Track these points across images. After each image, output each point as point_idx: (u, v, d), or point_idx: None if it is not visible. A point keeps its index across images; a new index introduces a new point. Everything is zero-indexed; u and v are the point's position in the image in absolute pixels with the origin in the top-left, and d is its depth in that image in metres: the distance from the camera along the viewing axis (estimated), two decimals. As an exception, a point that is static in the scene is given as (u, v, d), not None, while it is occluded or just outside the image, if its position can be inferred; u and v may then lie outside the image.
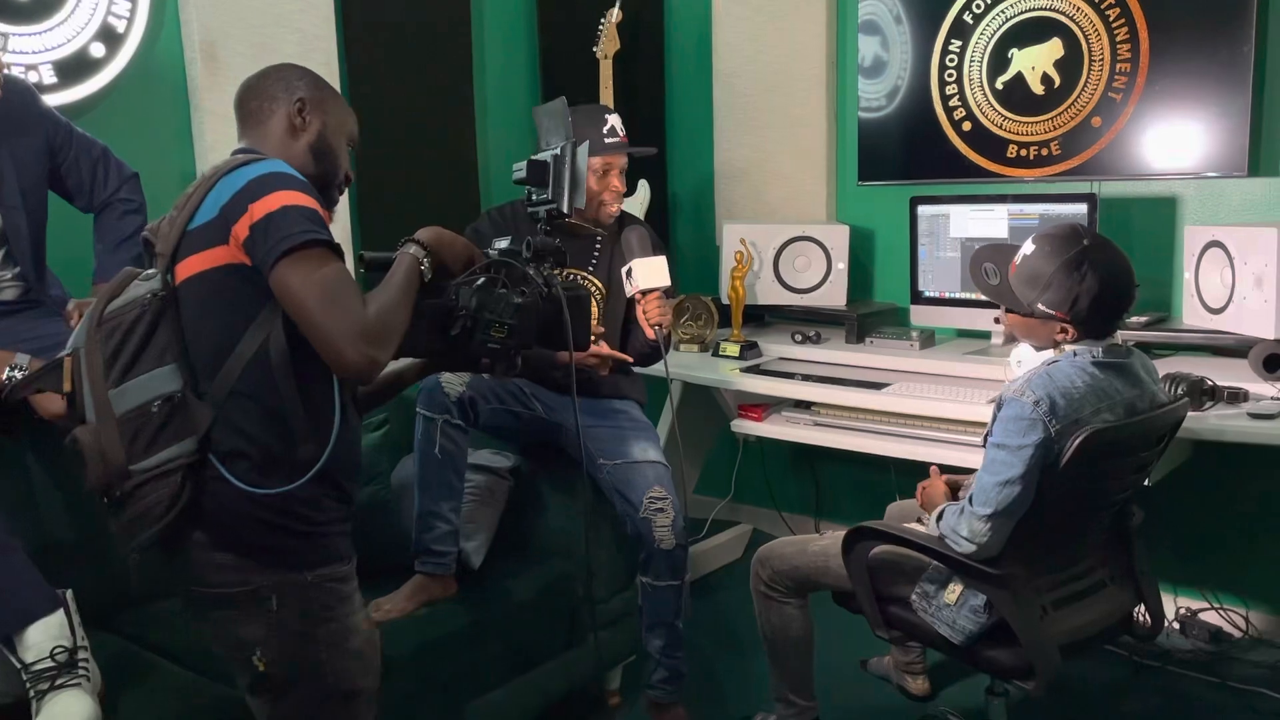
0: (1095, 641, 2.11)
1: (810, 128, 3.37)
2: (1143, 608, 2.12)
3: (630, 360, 2.48)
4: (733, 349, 3.05)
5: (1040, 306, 1.88)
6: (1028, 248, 1.92)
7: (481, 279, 1.53)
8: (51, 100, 2.29)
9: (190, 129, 2.71)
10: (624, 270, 2.30)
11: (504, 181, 3.55)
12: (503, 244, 1.63)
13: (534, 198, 1.79)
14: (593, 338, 2.26)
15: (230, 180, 1.41)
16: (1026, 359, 2.03)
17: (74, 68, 2.49)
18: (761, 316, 3.38)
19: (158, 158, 2.62)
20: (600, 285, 2.53)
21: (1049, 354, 1.93)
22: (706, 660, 2.83)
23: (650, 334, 2.31)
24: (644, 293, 2.28)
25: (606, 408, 2.51)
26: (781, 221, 3.33)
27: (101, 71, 2.54)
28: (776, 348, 3.10)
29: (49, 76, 2.44)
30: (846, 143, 3.35)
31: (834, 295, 3.20)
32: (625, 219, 2.58)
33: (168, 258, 1.44)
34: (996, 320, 2.08)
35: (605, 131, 2.39)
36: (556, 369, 2.37)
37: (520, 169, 1.78)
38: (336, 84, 2.91)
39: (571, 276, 2.51)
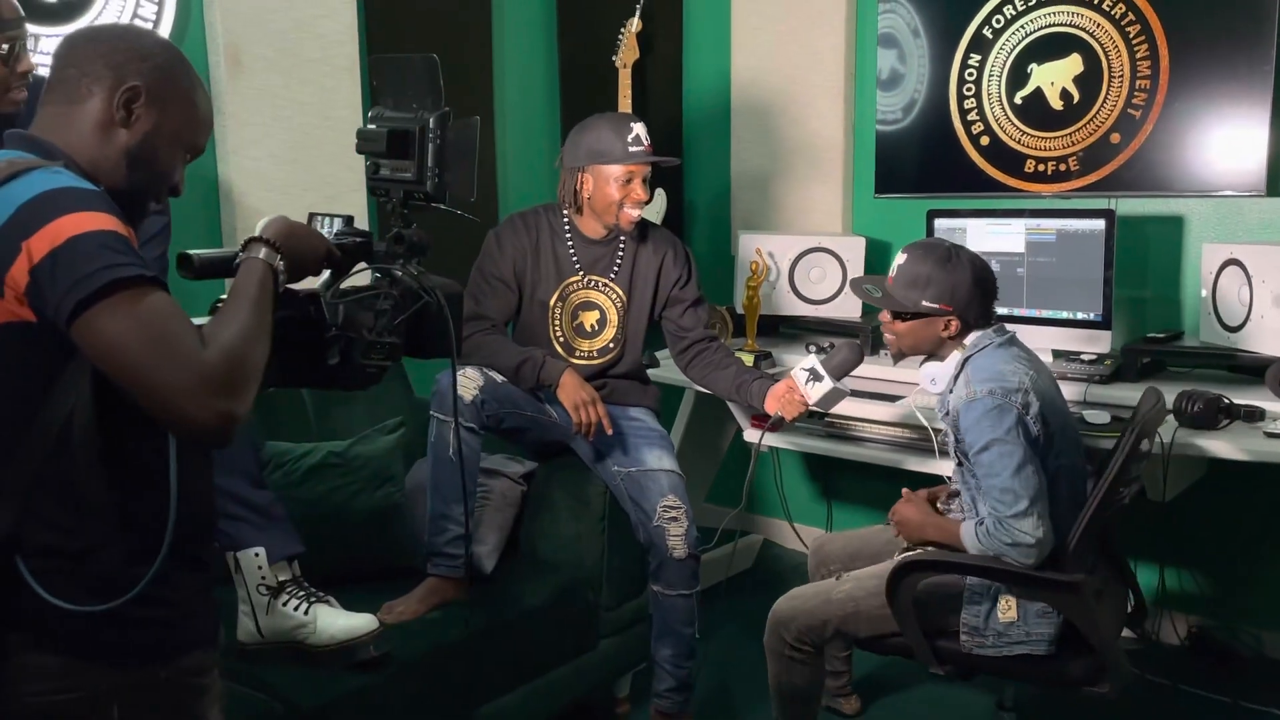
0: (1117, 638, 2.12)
1: (827, 139, 3.38)
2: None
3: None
4: (747, 358, 3.05)
5: (925, 303, 2.02)
6: (900, 259, 2.09)
7: (349, 287, 1.29)
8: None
9: (213, 132, 2.73)
10: (811, 367, 2.30)
11: (522, 188, 3.57)
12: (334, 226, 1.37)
13: (382, 172, 1.44)
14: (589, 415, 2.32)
15: None
16: (939, 373, 2.09)
17: (100, 70, 2.51)
18: (776, 327, 3.39)
19: (180, 160, 2.64)
20: (621, 294, 2.54)
21: (954, 358, 2.05)
22: (713, 672, 2.82)
23: (767, 410, 2.42)
24: (814, 405, 2.33)
25: (622, 415, 2.52)
26: (797, 233, 3.34)
27: (127, 74, 2.56)
28: (790, 358, 3.10)
29: (75, 78, 2.47)
30: (864, 155, 3.36)
31: (849, 307, 3.20)
32: (649, 227, 2.59)
33: None
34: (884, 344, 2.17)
35: (630, 140, 2.40)
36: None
37: (375, 138, 1.41)
38: (358, 92, 2.94)
39: (593, 284, 2.52)
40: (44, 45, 2.40)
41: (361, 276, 1.36)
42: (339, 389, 1.32)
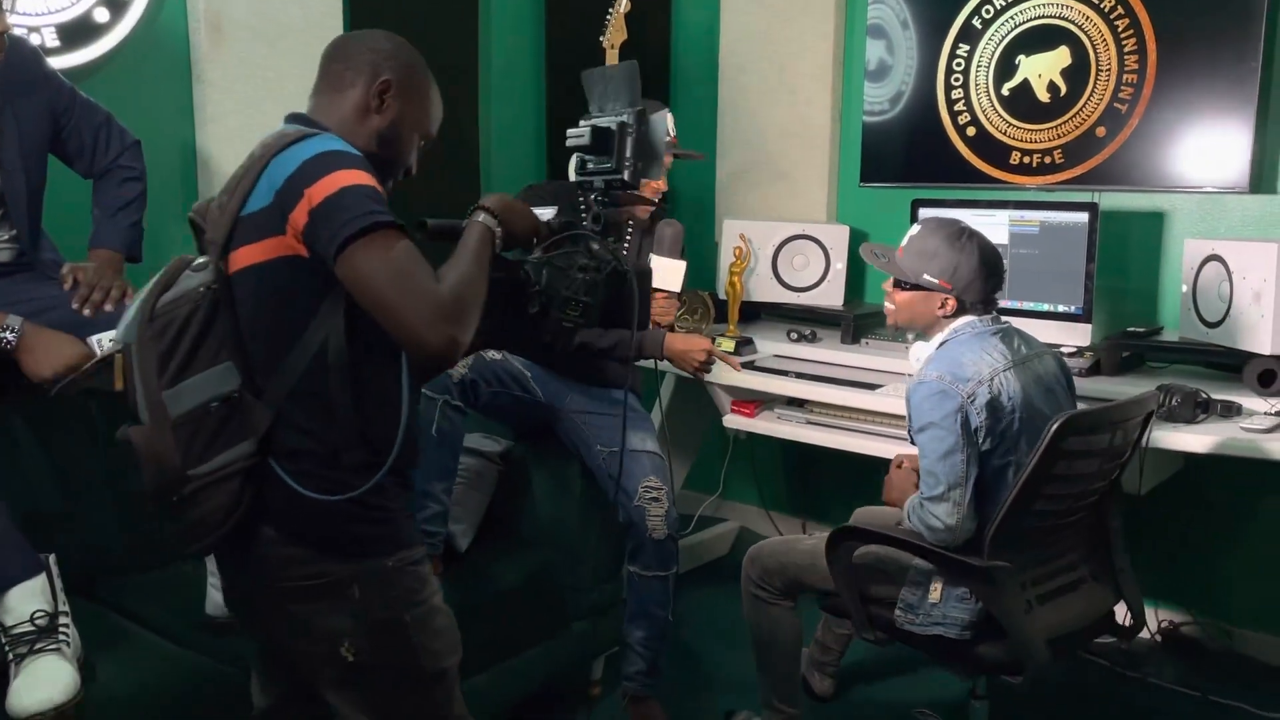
0: (1078, 638, 2.12)
1: (814, 128, 3.36)
2: (1125, 609, 2.14)
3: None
4: (728, 344, 3.04)
5: (926, 276, 2.04)
6: (913, 230, 2.12)
7: (557, 254, 1.48)
8: (52, 64, 2.27)
9: (191, 100, 2.69)
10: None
11: (505, 166, 3.54)
12: (547, 214, 1.56)
13: (589, 166, 1.65)
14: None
15: (282, 162, 1.32)
16: (923, 353, 2.12)
17: (77, 32, 2.46)
18: (758, 313, 3.38)
19: (158, 127, 2.60)
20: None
21: (939, 339, 2.08)
22: (687, 656, 2.82)
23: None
24: (654, 290, 2.31)
25: (604, 395, 2.51)
26: (781, 220, 3.33)
27: (105, 37, 2.51)
28: (771, 345, 3.10)
29: (51, 39, 2.42)
30: (850, 144, 3.35)
31: (831, 295, 3.19)
32: (658, 217, 2.58)
33: (220, 246, 1.36)
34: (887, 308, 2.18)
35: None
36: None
37: (581, 135, 1.63)
38: (341, 62, 2.90)
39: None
40: (21, 5, 2.35)
41: (566, 252, 1.54)
42: (546, 341, 1.53)
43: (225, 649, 1.90)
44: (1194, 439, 2.24)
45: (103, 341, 1.84)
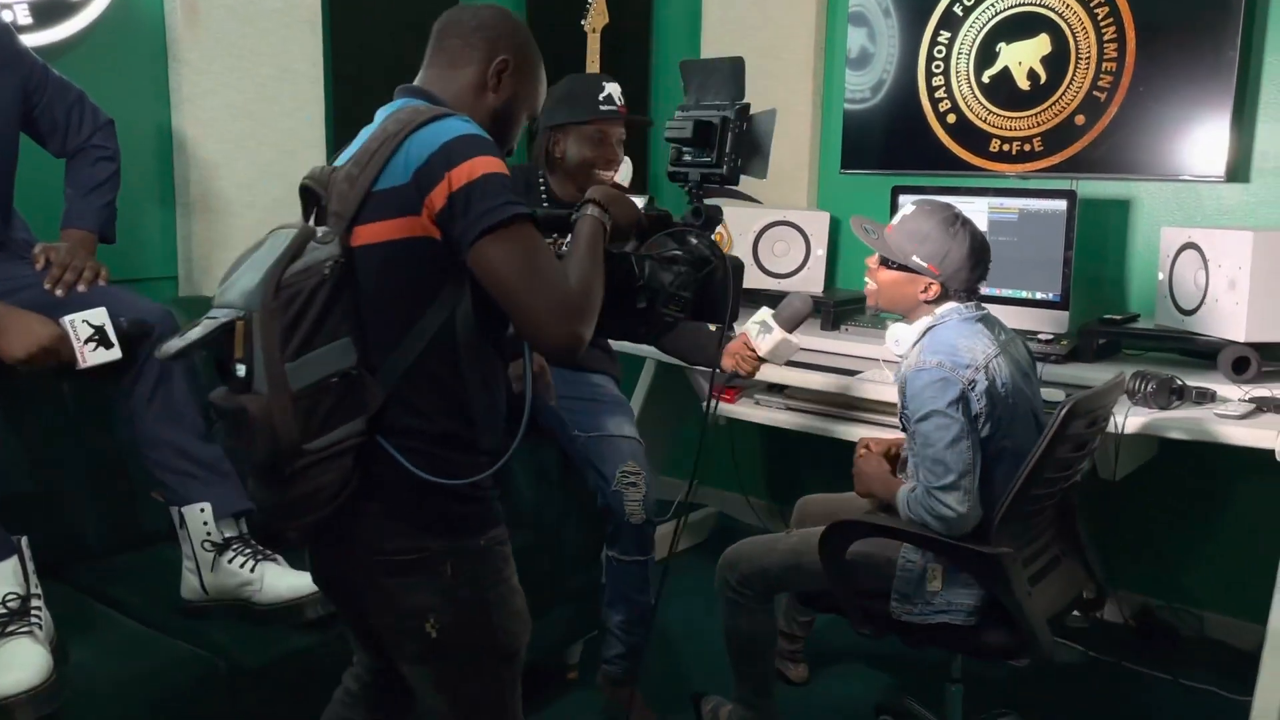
0: (1063, 617, 2.14)
1: (795, 113, 3.36)
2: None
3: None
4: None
5: (915, 258, 2.02)
6: (907, 209, 2.09)
7: (664, 249, 1.50)
8: (24, 41, 2.23)
9: (167, 80, 2.66)
10: (762, 320, 2.27)
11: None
12: (639, 203, 1.56)
13: (685, 158, 1.64)
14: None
15: (422, 139, 1.32)
16: (903, 336, 2.10)
17: (50, 9, 2.42)
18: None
19: (133, 107, 2.56)
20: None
21: (921, 324, 2.06)
22: (664, 641, 2.83)
23: (724, 367, 2.36)
24: (760, 358, 2.30)
25: (583, 380, 2.50)
26: (763, 205, 3.33)
27: (78, 15, 2.47)
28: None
29: (24, 17, 2.38)
30: (831, 130, 3.35)
31: (811, 281, 3.20)
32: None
33: (347, 219, 1.34)
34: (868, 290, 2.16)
35: (602, 99, 2.38)
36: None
37: (682, 127, 1.62)
38: (319, 46, 2.88)
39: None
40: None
41: (662, 243, 1.57)
42: (642, 333, 1.59)
43: (200, 633, 1.89)
44: (1168, 425, 2.26)
45: (75, 322, 1.82)
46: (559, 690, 2.63)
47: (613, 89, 2.40)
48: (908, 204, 2.14)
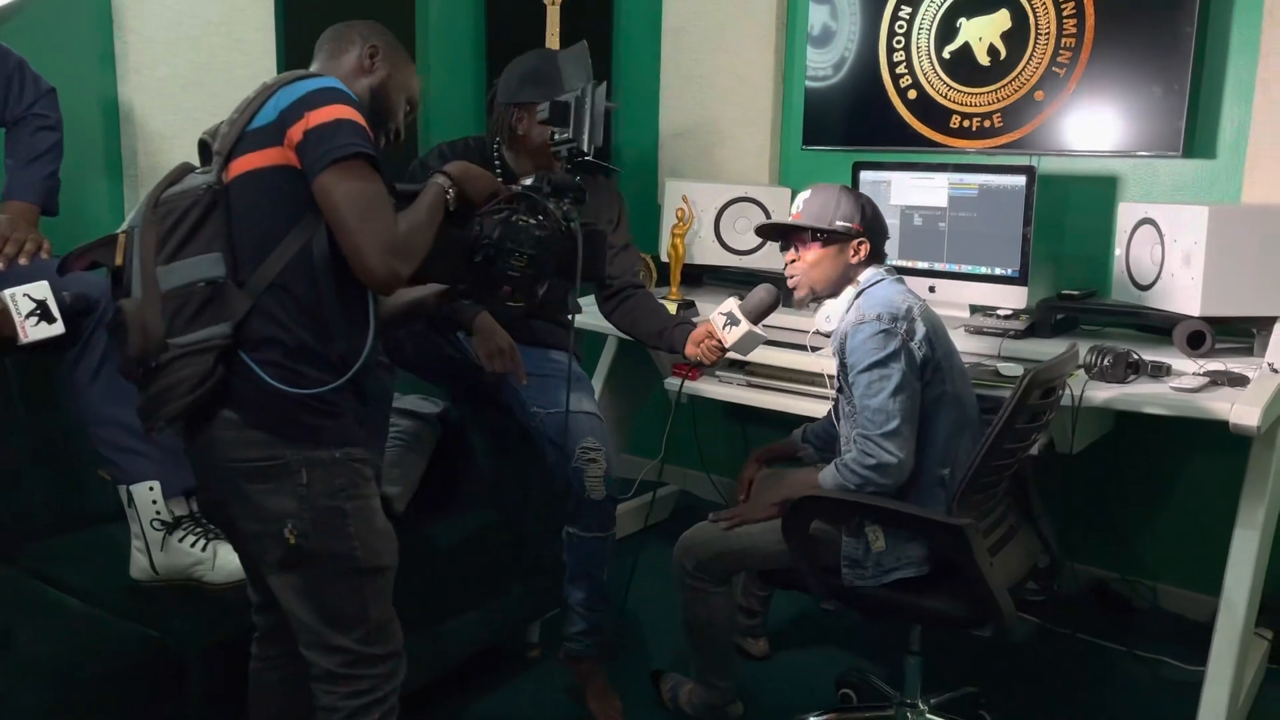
0: (1020, 587, 2.15)
1: (757, 89, 3.34)
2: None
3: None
4: (670, 307, 3.02)
5: (838, 222, 2.10)
6: (804, 194, 2.17)
7: (505, 211, 1.64)
8: (-38, 5, 2.16)
9: (113, 48, 2.58)
10: (729, 311, 2.27)
11: (443, 127, 3.47)
12: (526, 180, 1.74)
13: (555, 137, 1.85)
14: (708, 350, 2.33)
15: (291, 89, 1.51)
16: (834, 309, 2.16)
17: (-12, -26, 2.34)
18: (700, 276, 3.36)
19: (78, 76, 2.49)
20: (546, 235, 2.49)
21: (848, 294, 2.12)
22: (625, 618, 2.82)
23: (687, 354, 2.38)
24: (725, 350, 2.31)
25: (543, 357, 2.47)
26: (724, 181, 3.31)
27: (18, -20, 2.40)
28: (713, 308, 3.07)
29: (-40, -19, 2.30)
30: (792, 106, 3.33)
31: (773, 258, 3.17)
32: (583, 169, 2.53)
33: (224, 156, 1.53)
34: (790, 285, 2.19)
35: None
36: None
37: (543, 110, 1.86)
38: (271, 14, 2.84)
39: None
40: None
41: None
42: (482, 290, 1.69)
43: (149, 613, 1.85)
44: (1125, 398, 2.27)
45: (16, 296, 1.76)
46: (521, 668, 2.62)
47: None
48: (803, 192, 2.19)
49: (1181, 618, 2.89)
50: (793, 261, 2.16)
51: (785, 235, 2.19)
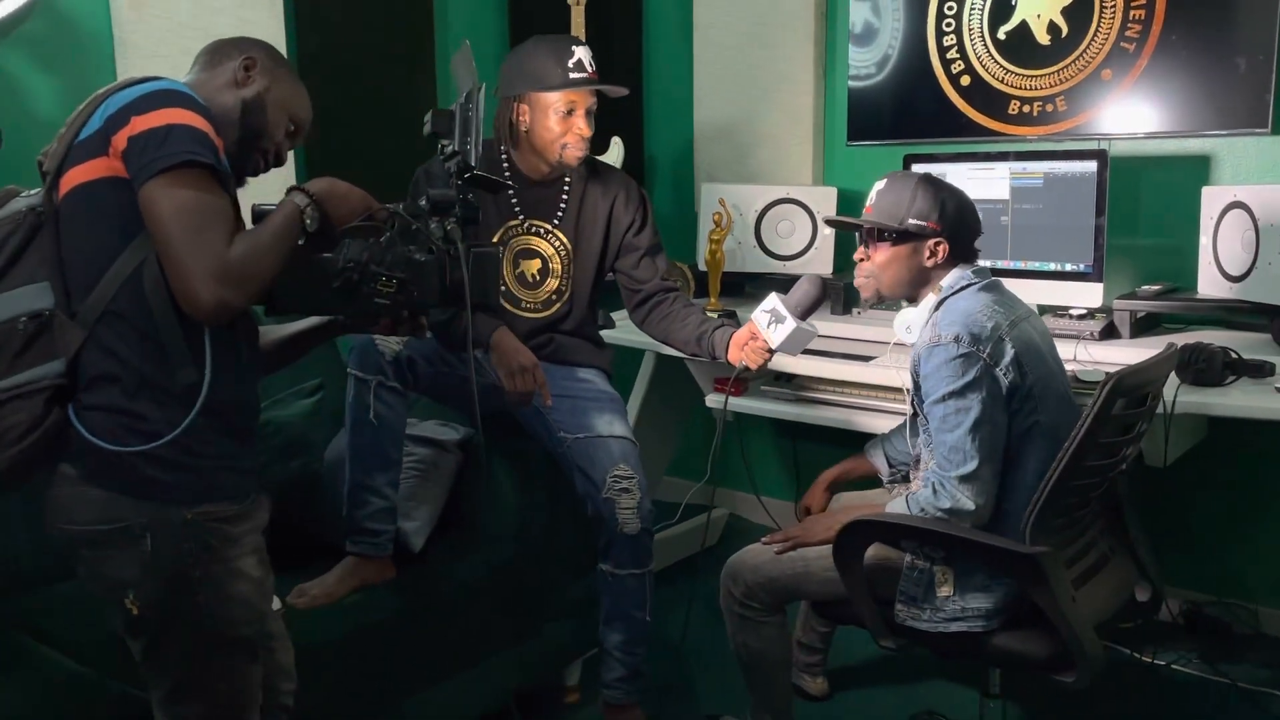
0: (1114, 622, 1.95)
1: (797, 84, 3.14)
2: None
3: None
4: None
5: (911, 220, 1.87)
6: (878, 185, 1.95)
7: (373, 232, 1.48)
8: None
9: (114, 67, 2.47)
10: (772, 308, 2.07)
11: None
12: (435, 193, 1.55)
13: (445, 150, 1.60)
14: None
15: (120, 95, 1.37)
16: (914, 319, 1.93)
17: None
18: (741, 285, 3.16)
19: (76, 90, 2.36)
20: (566, 241, 2.30)
21: (929, 301, 1.90)
22: (670, 657, 2.60)
23: (730, 360, 2.17)
24: (772, 351, 2.09)
25: (570, 376, 2.29)
26: (765, 184, 3.11)
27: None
28: (757, 318, 2.88)
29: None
30: (835, 100, 3.13)
31: (820, 262, 2.98)
32: (599, 167, 2.35)
33: (53, 173, 1.38)
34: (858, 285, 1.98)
35: (571, 65, 2.15)
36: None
37: (428, 120, 1.61)
38: (280, 24, 2.71)
39: (535, 230, 2.29)
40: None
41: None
42: (363, 320, 1.56)
43: (134, 669, 1.68)
44: (1224, 403, 2.03)
45: None
46: (558, 713, 2.43)
47: (582, 53, 2.17)
48: (878, 182, 1.95)
49: (1289, 644, 2.61)
50: (862, 260, 1.95)
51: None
